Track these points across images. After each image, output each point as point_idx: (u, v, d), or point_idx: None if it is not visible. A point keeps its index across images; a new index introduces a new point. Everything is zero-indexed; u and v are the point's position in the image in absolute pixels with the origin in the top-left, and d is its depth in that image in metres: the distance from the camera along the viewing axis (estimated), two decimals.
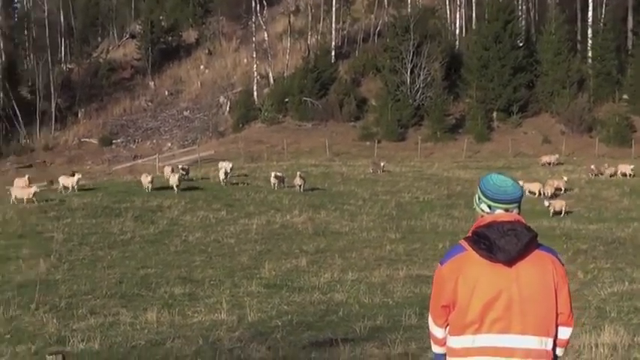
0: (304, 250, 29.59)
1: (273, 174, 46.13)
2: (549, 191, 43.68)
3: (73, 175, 49.22)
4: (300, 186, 44.75)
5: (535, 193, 42.53)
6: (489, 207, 5.11)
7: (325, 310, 19.82)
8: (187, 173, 48.38)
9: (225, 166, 47.28)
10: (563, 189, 45.42)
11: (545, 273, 4.96)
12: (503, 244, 4.88)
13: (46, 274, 25.46)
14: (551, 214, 38.04)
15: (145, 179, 42.98)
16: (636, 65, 79.41)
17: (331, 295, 21.75)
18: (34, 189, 40.03)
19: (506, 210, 5.08)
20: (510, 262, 4.88)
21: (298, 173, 46.32)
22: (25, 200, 38.99)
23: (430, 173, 53.25)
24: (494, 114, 78.37)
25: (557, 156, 61.17)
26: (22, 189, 40.49)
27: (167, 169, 49.07)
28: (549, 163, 58.89)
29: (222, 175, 46.14)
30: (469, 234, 5.06)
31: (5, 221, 35.42)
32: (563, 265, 5.10)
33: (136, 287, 23.30)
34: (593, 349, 13.35)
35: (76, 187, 43.75)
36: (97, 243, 31.15)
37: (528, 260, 4.93)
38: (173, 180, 42.83)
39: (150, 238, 32.13)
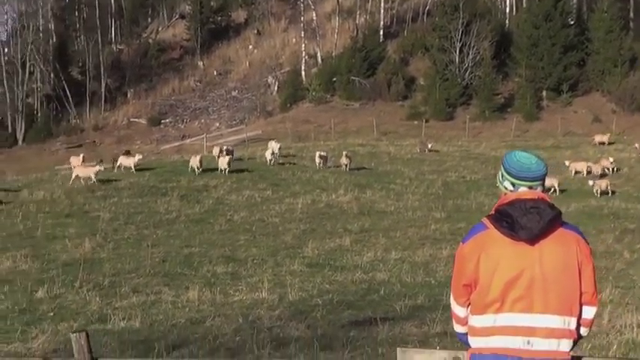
0: (348, 230, 29.55)
1: (317, 153, 46.01)
2: (598, 170, 43.19)
3: (128, 154, 49.54)
4: (346, 165, 44.56)
5: (582, 172, 41.98)
6: (513, 185, 5.01)
7: (367, 289, 19.80)
8: (232, 154, 47.50)
9: (273, 146, 47.05)
10: (610, 169, 44.84)
11: (568, 252, 4.84)
12: (525, 222, 4.78)
13: (91, 252, 25.67)
14: (597, 194, 37.54)
15: (194, 160, 42.51)
16: None
17: (373, 274, 21.71)
18: (97, 168, 40.01)
19: (530, 187, 4.97)
20: (533, 240, 4.78)
21: (344, 153, 46.16)
22: (88, 179, 38.94)
23: (477, 153, 52.91)
24: (544, 93, 77.61)
25: (608, 135, 60.32)
26: (85, 168, 40.31)
27: (215, 150, 48.71)
28: (602, 143, 58.07)
29: (269, 155, 46.00)
30: (492, 212, 4.96)
31: (53, 200, 35.75)
32: (587, 243, 4.98)
33: (179, 266, 23.45)
34: (635, 329, 13.20)
35: (133, 167, 43.39)
36: (142, 222, 31.35)
37: (551, 239, 4.82)
38: (222, 163, 42.15)
39: (195, 218, 32.26)
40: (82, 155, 47.76)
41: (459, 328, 5.16)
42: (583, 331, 4.98)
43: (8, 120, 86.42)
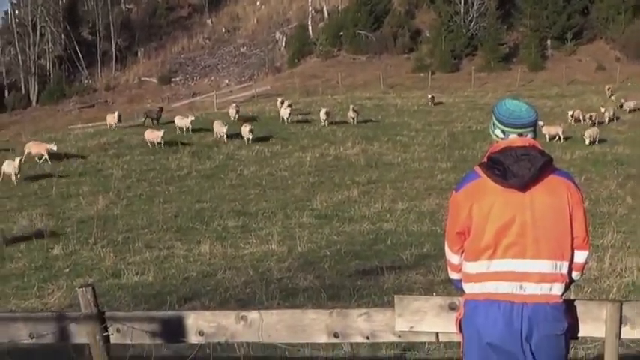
0: (356, 182, 29.55)
1: (323, 110, 45.52)
2: (599, 119, 42.76)
3: (161, 110, 49.34)
4: (353, 119, 44.43)
5: (555, 137, 40.02)
6: (503, 132, 5.01)
7: (374, 239, 19.83)
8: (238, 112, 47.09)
9: (284, 111, 46.25)
10: (607, 118, 44.23)
11: (559, 198, 4.84)
12: (516, 169, 4.78)
13: (105, 210, 25.76)
14: (587, 143, 37.20)
15: (220, 128, 40.35)
16: None
17: (380, 225, 21.74)
18: (162, 132, 38.76)
19: (520, 135, 4.96)
20: (524, 187, 4.78)
21: (351, 107, 46.07)
22: (155, 144, 38.18)
23: (483, 103, 52.64)
24: (548, 42, 77.34)
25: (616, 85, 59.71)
26: (152, 132, 38.92)
27: (232, 111, 47.35)
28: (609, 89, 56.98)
29: (285, 115, 45.48)
30: (483, 160, 4.96)
31: (67, 160, 35.80)
32: (579, 189, 4.97)
33: (190, 221, 23.50)
34: (635, 272, 13.23)
35: (190, 127, 42.42)
36: (154, 179, 31.41)
37: (542, 185, 4.82)
38: (245, 132, 39.33)
39: (206, 173, 32.31)
40: (117, 112, 48.31)
41: (453, 275, 5.19)
42: (575, 275, 4.99)
43: (22, 82, 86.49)
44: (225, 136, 39.58)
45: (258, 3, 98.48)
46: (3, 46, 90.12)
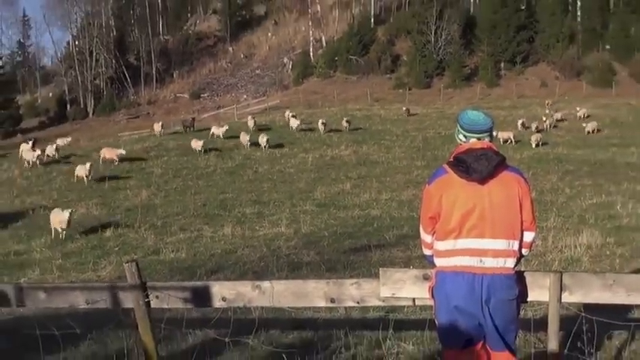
0: (349, 177, 29.51)
1: (320, 121, 44.88)
2: (542, 126, 42.62)
3: (194, 120, 49.76)
4: (346, 127, 44.25)
5: (507, 141, 39.41)
6: (465, 137, 4.99)
7: (363, 222, 19.81)
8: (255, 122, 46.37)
9: (294, 122, 45.51)
10: (548, 126, 43.97)
11: (511, 189, 4.83)
12: (477, 166, 4.77)
13: (147, 200, 25.76)
14: (533, 145, 37.04)
15: (244, 138, 38.89)
16: (616, 21, 77.89)
17: (368, 211, 21.73)
18: (202, 142, 37.41)
19: (479, 139, 4.94)
20: (483, 181, 4.77)
21: (345, 119, 45.88)
22: (197, 151, 36.74)
23: (450, 113, 52.43)
24: (502, 64, 77.32)
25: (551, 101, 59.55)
26: (196, 142, 37.38)
27: (250, 122, 46.38)
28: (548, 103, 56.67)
29: (294, 125, 44.83)
30: (450, 159, 4.93)
31: (115, 161, 35.73)
32: (527, 182, 4.95)
33: (216, 209, 23.51)
34: (573, 248, 13.21)
35: (222, 135, 41.77)
36: (187, 175, 31.38)
37: (498, 179, 4.81)
38: (262, 141, 37.88)
39: (228, 170, 32.28)
40: (160, 123, 48.14)
41: (426, 252, 5.16)
42: (524, 251, 4.98)
43: (80, 98, 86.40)
44: (248, 144, 38.24)
45: (269, 34, 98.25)
46: (66, 70, 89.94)
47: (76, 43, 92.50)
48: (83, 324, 7.30)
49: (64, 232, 19.89)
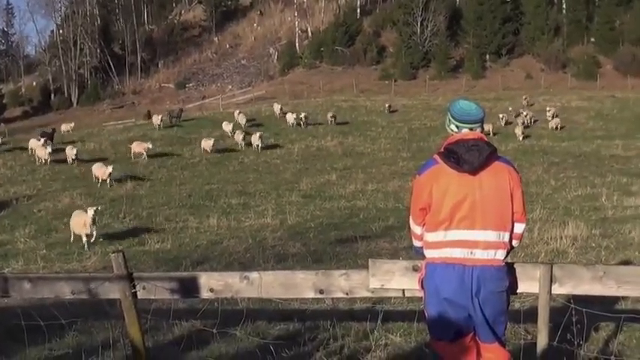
0: (334, 168, 29.52)
1: (302, 114, 43.36)
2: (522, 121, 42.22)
3: (181, 111, 48.37)
4: (331, 122, 43.55)
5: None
6: (457, 127, 4.94)
7: (349, 214, 19.80)
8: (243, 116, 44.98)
9: (291, 116, 44.14)
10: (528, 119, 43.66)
11: (502, 180, 4.80)
12: (468, 157, 4.73)
13: (132, 190, 25.64)
14: (520, 139, 37.04)
15: (239, 137, 36.62)
16: (601, 14, 78.04)
17: (354, 202, 21.72)
18: (212, 140, 35.28)
19: (471, 129, 4.90)
20: (474, 171, 4.73)
21: (329, 113, 44.93)
22: (208, 150, 34.54)
23: (436, 104, 52.58)
24: (487, 56, 77.36)
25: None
26: (206, 141, 35.01)
27: (242, 119, 43.99)
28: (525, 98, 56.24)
29: (291, 120, 43.35)
30: (441, 150, 4.89)
31: (101, 150, 35.68)
32: (518, 173, 4.93)
33: (201, 199, 23.43)
34: (559, 240, 13.23)
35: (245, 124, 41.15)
36: (172, 165, 31.31)
37: (489, 170, 4.77)
38: (255, 140, 35.70)
39: (214, 161, 32.20)
40: (161, 116, 46.08)
41: (416, 243, 5.12)
42: (515, 243, 4.95)
43: (65, 87, 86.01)
44: (242, 144, 36.12)
45: (255, 24, 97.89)
46: (50, 59, 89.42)
47: (60, 32, 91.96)
48: (68, 314, 7.22)
49: (91, 237, 17.03)
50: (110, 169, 16.77)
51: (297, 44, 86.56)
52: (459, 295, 4.73)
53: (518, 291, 5.16)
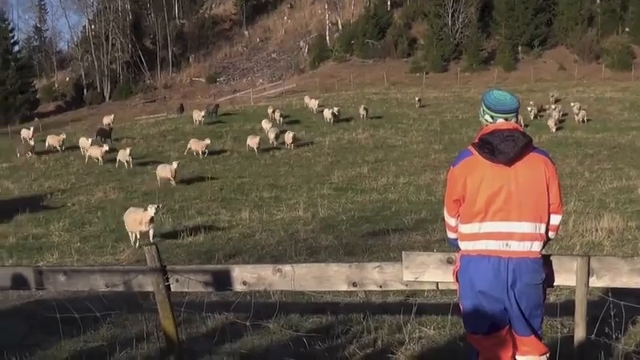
0: (366, 160, 29.44)
1: (330, 111, 41.69)
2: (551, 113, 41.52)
3: (217, 106, 47.68)
4: (363, 116, 42.68)
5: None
6: (492, 117, 4.86)
7: (381, 207, 19.76)
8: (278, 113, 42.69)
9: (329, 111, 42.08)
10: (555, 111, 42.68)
11: (538, 171, 4.73)
12: (503, 147, 4.66)
13: (164, 184, 25.74)
14: (553, 130, 36.65)
15: (271, 135, 34.93)
16: (636, 3, 76.60)
17: (386, 195, 21.67)
18: (258, 138, 33.26)
19: (506, 119, 4.82)
20: (509, 162, 4.66)
21: (362, 106, 44.05)
22: (255, 149, 32.60)
23: (467, 97, 52.23)
24: (519, 48, 76.71)
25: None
26: (252, 139, 33.11)
27: (276, 114, 42.16)
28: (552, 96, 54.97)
29: (328, 116, 41.16)
30: (475, 140, 4.83)
31: (134, 144, 35.82)
32: (554, 164, 4.85)
33: (233, 193, 23.52)
34: (594, 232, 13.08)
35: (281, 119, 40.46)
36: (204, 159, 31.40)
37: (524, 161, 4.70)
38: (288, 138, 34.09)
39: (245, 154, 32.23)
40: (203, 112, 43.69)
41: (450, 235, 5.07)
42: (551, 234, 4.88)
43: (97, 82, 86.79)
44: (275, 142, 34.52)
45: (285, 18, 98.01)
46: (82, 54, 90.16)
47: (92, 27, 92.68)
48: (102, 307, 7.27)
49: (146, 235, 16.38)
50: (151, 212, 16.45)
51: (327, 37, 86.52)
52: (494, 288, 4.67)
53: (554, 284, 5.08)
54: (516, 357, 4.84)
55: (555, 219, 4.85)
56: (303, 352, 6.31)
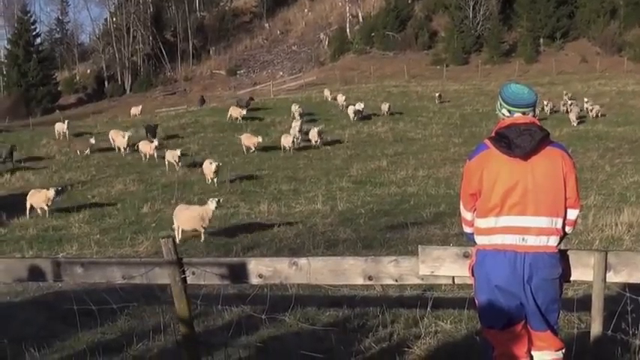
0: (385, 154, 29.37)
1: (352, 108, 40.20)
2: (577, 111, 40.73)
3: (251, 99, 46.38)
4: (386, 112, 40.86)
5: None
6: (509, 111, 4.85)
7: (400, 200, 19.73)
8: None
9: (355, 107, 40.46)
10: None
11: (555, 165, 4.71)
12: (519, 141, 4.65)
13: (184, 176, 25.86)
14: (574, 124, 36.28)
15: (286, 139, 31.55)
16: None
17: (405, 189, 21.62)
18: (295, 138, 31.75)
19: (524, 113, 4.81)
20: (526, 156, 4.65)
21: (386, 104, 41.94)
22: (288, 148, 30.98)
23: (488, 90, 51.85)
24: (541, 40, 76.16)
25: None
26: (286, 138, 31.62)
27: (296, 110, 39.74)
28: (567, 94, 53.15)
29: (351, 114, 39.39)
30: (492, 134, 4.82)
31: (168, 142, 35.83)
32: (571, 158, 4.83)
33: (252, 185, 23.56)
34: (614, 227, 12.99)
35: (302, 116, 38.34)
36: (223, 152, 31.45)
37: (541, 155, 4.68)
38: (314, 136, 32.39)
39: (264, 147, 32.18)
40: (245, 110, 40.81)
41: (467, 229, 5.06)
42: (568, 229, 4.85)
43: (118, 74, 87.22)
44: (299, 140, 32.08)
45: (306, 10, 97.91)
46: (103, 46, 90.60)
47: (114, 19, 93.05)
48: (120, 299, 7.32)
49: (201, 231, 15.93)
50: (212, 206, 16.26)
51: (347, 30, 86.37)
52: (510, 283, 4.66)
53: (571, 279, 5.05)
54: (532, 352, 4.84)
55: (572, 213, 4.83)
56: (319, 346, 6.32)
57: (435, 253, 5.25)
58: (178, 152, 27.58)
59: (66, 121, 38.38)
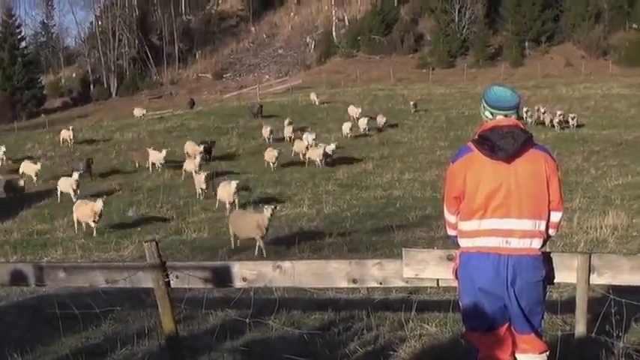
0: (371, 157, 29.41)
1: (381, 118, 38.01)
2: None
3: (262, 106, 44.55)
4: (382, 124, 38.14)
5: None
6: (492, 114, 4.85)
7: (385, 203, 19.75)
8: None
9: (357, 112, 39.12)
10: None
11: (538, 167, 4.70)
12: (502, 144, 4.64)
13: (170, 180, 25.84)
14: (557, 129, 36.28)
15: (270, 154, 28.85)
16: None
17: (391, 192, 21.66)
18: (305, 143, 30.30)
19: (506, 116, 4.80)
20: (509, 159, 4.64)
21: (384, 118, 38.56)
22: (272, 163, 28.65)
23: (474, 93, 51.85)
24: (526, 44, 76.66)
25: None
26: (298, 143, 30.62)
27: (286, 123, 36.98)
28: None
29: (346, 130, 36.34)
30: (475, 137, 4.81)
31: (139, 139, 35.85)
32: (554, 160, 4.82)
33: (239, 189, 23.40)
34: (599, 229, 13.03)
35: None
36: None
37: (524, 157, 4.67)
38: (314, 154, 28.98)
39: (251, 151, 32.21)
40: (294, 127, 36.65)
41: (450, 232, 5.05)
42: (551, 232, 4.85)
43: (104, 78, 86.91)
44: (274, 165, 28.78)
45: (292, 14, 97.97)
46: (89, 50, 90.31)
47: (99, 23, 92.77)
48: (104, 303, 7.27)
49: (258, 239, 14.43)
50: (234, 185, 15.70)
51: (334, 33, 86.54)
52: (494, 285, 4.64)
53: (555, 281, 5.06)
54: (516, 355, 4.82)
55: (555, 216, 4.83)
56: (305, 349, 6.30)
57: (419, 256, 5.24)
58: (234, 186, 20.66)
59: (71, 128, 37.40)
